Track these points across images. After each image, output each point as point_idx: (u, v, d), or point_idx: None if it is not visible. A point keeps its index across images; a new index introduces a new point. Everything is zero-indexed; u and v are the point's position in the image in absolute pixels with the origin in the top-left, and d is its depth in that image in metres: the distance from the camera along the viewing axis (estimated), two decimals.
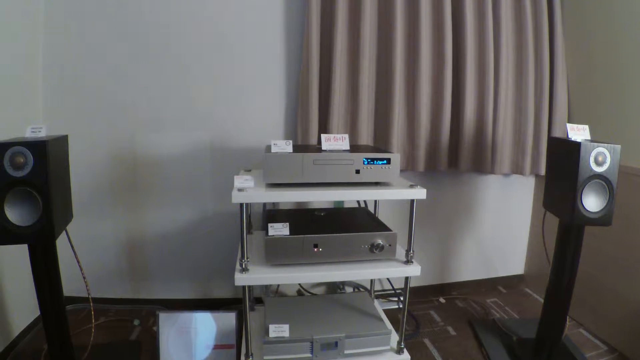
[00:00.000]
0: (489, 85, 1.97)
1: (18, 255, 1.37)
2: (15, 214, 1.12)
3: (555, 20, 2.03)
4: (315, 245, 1.35)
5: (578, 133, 1.43)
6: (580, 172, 1.31)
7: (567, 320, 1.51)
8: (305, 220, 1.55)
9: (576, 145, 1.32)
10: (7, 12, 1.58)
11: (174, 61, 1.85)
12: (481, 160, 2.05)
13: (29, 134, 1.22)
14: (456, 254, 2.28)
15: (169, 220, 1.96)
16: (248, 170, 1.69)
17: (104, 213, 1.91)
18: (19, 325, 1.69)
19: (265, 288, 1.99)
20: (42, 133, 1.23)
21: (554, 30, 2.04)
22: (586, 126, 1.44)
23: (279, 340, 1.36)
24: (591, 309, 1.87)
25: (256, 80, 1.92)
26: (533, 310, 2.07)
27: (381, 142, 1.96)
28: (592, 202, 1.35)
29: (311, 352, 1.38)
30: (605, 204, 1.35)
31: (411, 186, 1.38)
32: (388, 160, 1.37)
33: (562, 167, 1.41)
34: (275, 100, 1.95)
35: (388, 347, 1.46)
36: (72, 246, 1.34)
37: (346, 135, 1.46)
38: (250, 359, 1.38)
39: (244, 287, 1.32)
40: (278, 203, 1.93)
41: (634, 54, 1.73)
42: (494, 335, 1.80)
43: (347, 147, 1.44)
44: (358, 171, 1.35)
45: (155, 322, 1.51)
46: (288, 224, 1.37)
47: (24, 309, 1.70)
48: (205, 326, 1.53)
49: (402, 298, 1.50)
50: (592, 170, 1.32)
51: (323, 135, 1.44)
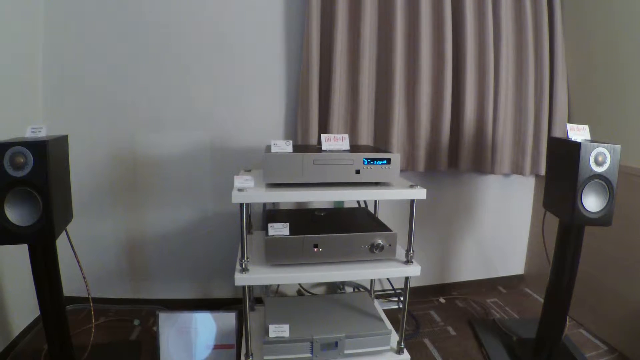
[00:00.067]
0: (489, 85, 1.97)
1: (18, 255, 1.38)
2: (15, 214, 1.13)
3: (555, 20, 2.03)
4: (315, 246, 1.35)
5: (578, 133, 1.43)
6: (580, 172, 1.31)
7: (567, 320, 1.51)
8: (305, 220, 1.55)
9: (576, 145, 1.32)
10: (7, 12, 1.58)
11: (174, 61, 1.85)
12: (481, 160, 2.05)
13: (29, 134, 1.22)
14: (456, 254, 2.28)
15: (169, 220, 1.96)
16: (248, 170, 1.69)
17: (104, 213, 1.91)
18: (19, 325, 1.69)
19: (265, 288, 1.99)
20: (42, 133, 1.23)
21: (554, 30, 2.04)
22: (586, 126, 1.44)
23: (279, 340, 1.36)
24: (591, 309, 1.87)
25: (256, 80, 1.92)
26: (533, 310, 2.07)
27: (381, 142, 1.96)
28: (592, 202, 1.35)
29: (311, 352, 1.38)
30: (605, 204, 1.35)
31: (411, 186, 1.38)
32: (388, 160, 1.37)
33: (562, 167, 1.41)
34: (275, 100, 1.95)
35: (388, 347, 1.46)
36: (72, 246, 1.35)
37: (346, 135, 1.45)
38: (251, 359, 1.38)
39: (244, 287, 1.32)
40: (278, 203, 1.93)
41: (634, 54, 1.73)
42: (494, 335, 1.80)
43: (347, 147, 1.44)
44: (358, 171, 1.35)
45: (155, 322, 1.51)
46: (288, 224, 1.37)
47: (24, 309, 1.70)
48: (205, 326, 1.53)
49: (402, 298, 1.50)
50: (592, 170, 1.32)
51: (323, 135, 1.44)
